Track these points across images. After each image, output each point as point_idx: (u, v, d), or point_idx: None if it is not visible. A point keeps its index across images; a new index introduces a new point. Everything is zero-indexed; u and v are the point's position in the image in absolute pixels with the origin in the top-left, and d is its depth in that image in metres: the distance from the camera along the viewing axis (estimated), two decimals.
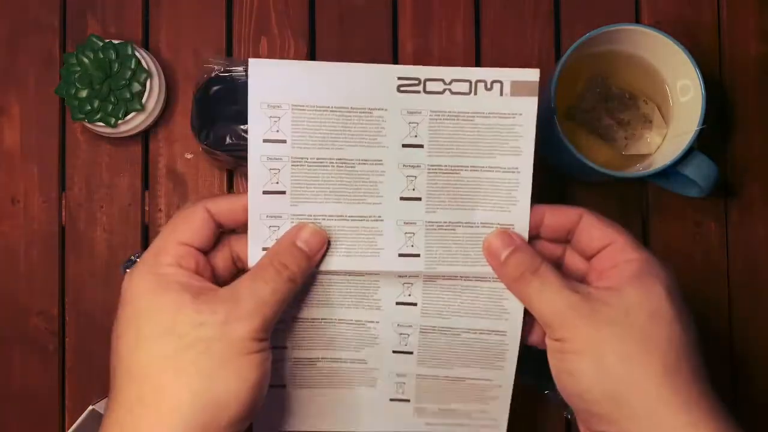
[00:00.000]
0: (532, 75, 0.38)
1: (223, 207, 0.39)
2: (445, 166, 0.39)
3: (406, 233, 0.40)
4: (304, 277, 0.39)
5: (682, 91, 0.50)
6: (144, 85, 0.52)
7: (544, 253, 0.40)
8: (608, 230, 0.39)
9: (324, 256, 0.39)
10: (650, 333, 0.35)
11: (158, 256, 0.37)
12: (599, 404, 0.35)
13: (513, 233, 0.40)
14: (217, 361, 0.34)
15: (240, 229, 0.40)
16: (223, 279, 0.40)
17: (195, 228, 0.38)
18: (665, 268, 0.37)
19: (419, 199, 0.40)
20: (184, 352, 0.34)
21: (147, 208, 0.55)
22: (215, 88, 0.51)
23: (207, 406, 0.34)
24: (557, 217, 0.40)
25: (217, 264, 0.40)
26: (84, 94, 0.52)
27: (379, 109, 0.38)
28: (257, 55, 0.56)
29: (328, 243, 0.39)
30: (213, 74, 0.52)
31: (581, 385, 0.36)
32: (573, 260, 0.41)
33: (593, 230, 0.39)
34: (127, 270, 0.53)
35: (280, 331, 0.42)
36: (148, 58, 0.53)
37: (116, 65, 0.52)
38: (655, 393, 0.34)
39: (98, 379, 0.54)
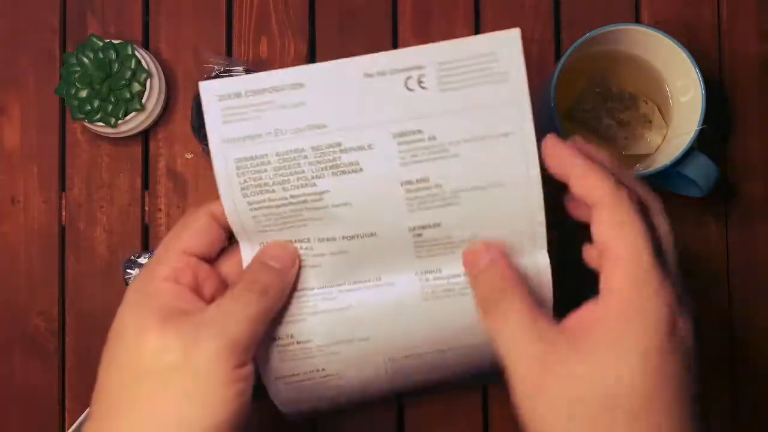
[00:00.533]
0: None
1: None
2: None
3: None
4: (280, 292, 0.36)
5: (682, 91, 0.50)
6: (144, 85, 0.52)
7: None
8: (610, 240, 0.32)
9: (299, 274, 0.37)
10: (602, 422, 0.30)
11: (155, 267, 0.35)
12: None
13: (494, 246, 0.35)
14: (178, 395, 0.31)
15: None
16: None
17: (197, 234, 0.36)
18: (662, 317, 0.31)
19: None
20: (141, 383, 0.32)
21: (147, 208, 0.55)
22: None
23: None
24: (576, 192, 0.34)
25: (228, 271, 0.37)
26: (84, 94, 0.52)
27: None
28: (257, 55, 0.56)
29: (300, 259, 0.37)
30: (213, 74, 0.52)
31: None
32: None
33: (597, 230, 0.33)
34: (127, 270, 0.53)
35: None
36: (148, 58, 0.53)
37: (116, 65, 0.52)
38: None
39: None
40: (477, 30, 0.56)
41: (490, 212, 0.36)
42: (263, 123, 0.35)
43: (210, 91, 0.35)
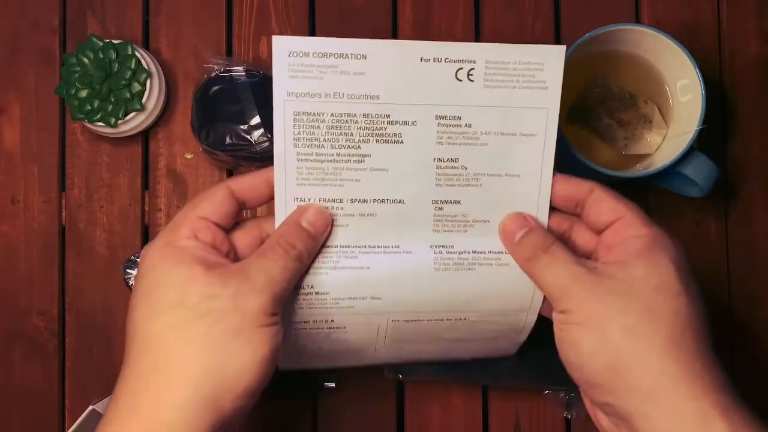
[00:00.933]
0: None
1: (245, 183, 0.39)
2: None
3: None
4: (311, 256, 0.39)
5: (682, 91, 0.50)
6: (144, 85, 0.52)
7: (550, 227, 0.41)
8: (618, 205, 0.39)
9: (329, 235, 0.40)
10: (655, 306, 0.35)
11: (176, 229, 0.38)
12: (600, 375, 0.36)
13: (528, 216, 0.40)
14: (228, 333, 0.35)
15: (263, 206, 0.42)
16: (243, 258, 0.40)
17: (215, 204, 0.39)
18: (674, 244, 0.37)
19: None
20: (196, 324, 0.35)
21: (147, 208, 0.55)
22: (215, 88, 0.51)
23: (217, 377, 0.34)
24: (568, 186, 0.40)
25: (239, 243, 0.40)
26: (84, 94, 0.52)
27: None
28: (257, 55, 0.56)
29: (332, 223, 0.40)
30: (213, 74, 0.52)
31: (582, 356, 0.36)
32: (582, 235, 0.41)
33: (603, 204, 0.39)
34: (127, 270, 0.53)
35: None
36: (148, 58, 0.53)
37: (116, 65, 0.52)
38: (657, 365, 0.34)
39: (98, 379, 0.54)
40: (477, 30, 0.56)
41: (503, 198, 0.40)
42: (324, 84, 0.38)
43: (282, 44, 0.37)
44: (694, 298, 0.36)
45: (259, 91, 0.51)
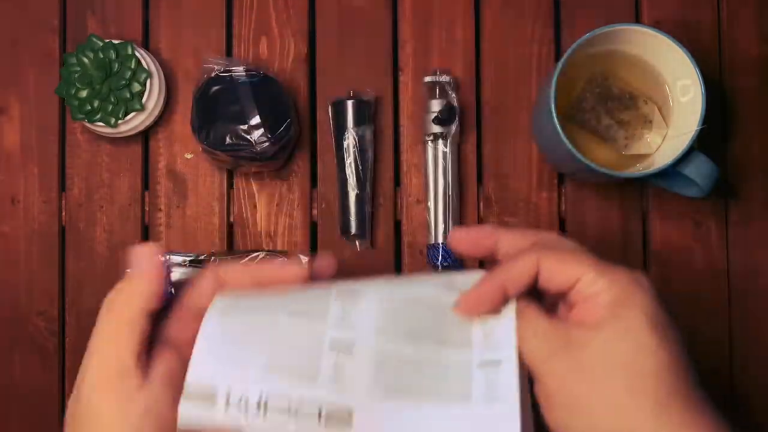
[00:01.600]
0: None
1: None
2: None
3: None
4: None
5: (682, 91, 0.50)
6: (144, 85, 0.52)
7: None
8: (569, 269, 0.36)
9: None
10: (635, 372, 0.34)
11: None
12: None
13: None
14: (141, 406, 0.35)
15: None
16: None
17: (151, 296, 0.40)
18: (640, 286, 0.35)
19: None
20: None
21: (147, 208, 0.55)
22: (215, 88, 0.51)
23: None
24: (513, 271, 0.36)
25: (172, 334, 0.39)
26: (84, 94, 0.52)
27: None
28: (257, 55, 0.56)
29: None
30: (213, 74, 0.52)
31: None
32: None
33: (554, 275, 0.36)
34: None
35: None
36: (148, 58, 0.53)
37: (116, 65, 0.52)
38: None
39: None
40: (477, 30, 0.56)
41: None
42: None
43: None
44: (672, 346, 0.35)
45: (259, 91, 0.51)
